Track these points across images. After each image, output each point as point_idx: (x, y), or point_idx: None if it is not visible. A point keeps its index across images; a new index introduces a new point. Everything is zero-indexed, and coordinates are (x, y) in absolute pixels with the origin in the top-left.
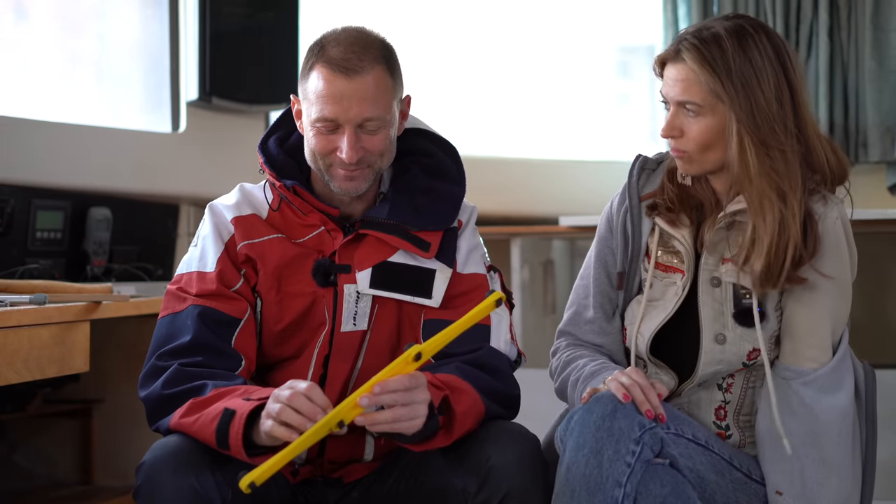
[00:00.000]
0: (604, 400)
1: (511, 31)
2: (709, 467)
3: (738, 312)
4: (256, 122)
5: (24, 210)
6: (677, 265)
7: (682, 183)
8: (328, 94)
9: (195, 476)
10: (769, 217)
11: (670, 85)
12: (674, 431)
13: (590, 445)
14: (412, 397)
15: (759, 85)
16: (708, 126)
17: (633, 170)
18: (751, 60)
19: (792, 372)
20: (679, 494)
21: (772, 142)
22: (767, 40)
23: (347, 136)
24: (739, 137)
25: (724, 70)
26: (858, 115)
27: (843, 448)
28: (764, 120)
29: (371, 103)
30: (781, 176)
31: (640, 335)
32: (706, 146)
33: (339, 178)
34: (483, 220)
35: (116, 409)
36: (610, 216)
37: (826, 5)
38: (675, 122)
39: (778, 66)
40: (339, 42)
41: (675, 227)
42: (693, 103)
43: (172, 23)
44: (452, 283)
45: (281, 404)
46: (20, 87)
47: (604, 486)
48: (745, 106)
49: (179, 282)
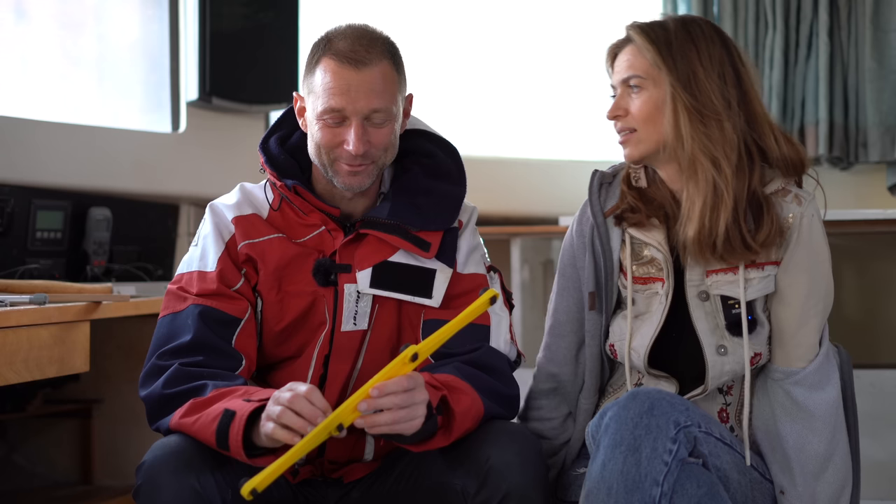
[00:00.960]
0: (640, 397)
1: (511, 31)
2: (733, 467)
3: (729, 324)
4: (256, 122)
5: (24, 210)
6: (655, 274)
7: (637, 186)
8: (336, 85)
9: (196, 476)
10: (701, 182)
11: (617, 69)
12: (705, 430)
13: (627, 442)
14: (411, 399)
15: (699, 59)
16: (650, 97)
17: (593, 186)
18: (693, 38)
19: (781, 373)
20: (714, 496)
21: (708, 111)
22: (713, 31)
23: (355, 127)
24: (674, 104)
25: (665, 42)
26: (858, 115)
27: (838, 439)
28: (701, 90)
29: (378, 95)
30: (716, 144)
31: (633, 351)
32: (649, 119)
33: (344, 174)
34: (483, 220)
35: (116, 409)
36: (572, 241)
37: (826, 5)
38: (620, 102)
39: (722, 49)
40: (346, 36)
41: (645, 230)
42: (636, 76)
43: (172, 23)
44: (452, 283)
45: (282, 407)
46: (20, 87)
47: (642, 485)
48: (682, 75)
49: (180, 281)
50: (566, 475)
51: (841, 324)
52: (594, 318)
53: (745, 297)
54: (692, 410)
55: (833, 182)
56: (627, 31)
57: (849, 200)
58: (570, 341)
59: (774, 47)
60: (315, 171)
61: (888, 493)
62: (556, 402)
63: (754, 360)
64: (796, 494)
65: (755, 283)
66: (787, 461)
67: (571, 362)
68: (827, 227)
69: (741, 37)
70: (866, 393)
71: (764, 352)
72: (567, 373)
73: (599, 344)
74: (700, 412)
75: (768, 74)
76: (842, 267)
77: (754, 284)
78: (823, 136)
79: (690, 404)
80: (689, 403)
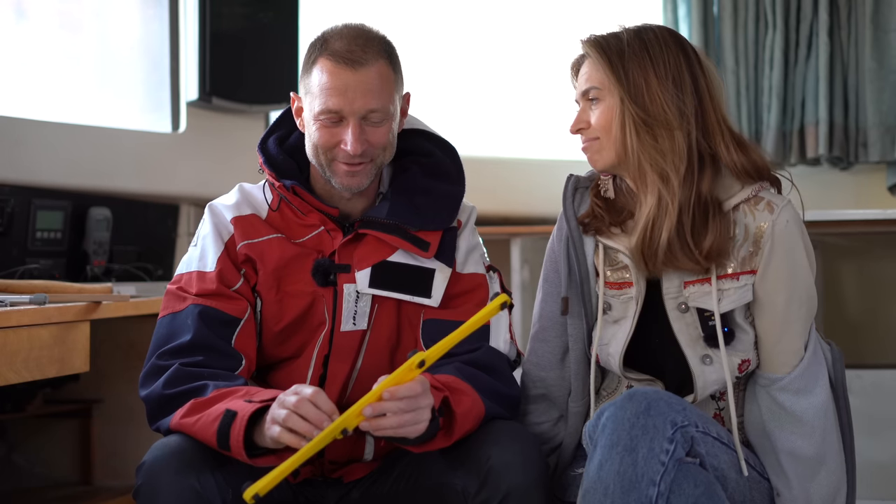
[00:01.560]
0: (637, 397)
1: (511, 31)
2: (730, 466)
3: (707, 336)
4: (256, 122)
5: (24, 210)
6: (629, 279)
7: (605, 196)
8: (332, 86)
9: (196, 476)
10: (648, 194)
11: (578, 83)
12: (702, 430)
13: (624, 443)
14: (416, 403)
15: (652, 67)
16: (608, 107)
17: (567, 191)
18: (647, 46)
19: (766, 379)
20: (711, 495)
21: (657, 122)
22: (669, 36)
23: (352, 127)
24: (622, 116)
25: (617, 53)
26: (858, 115)
27: (828, 442)
28: (653, 100)
29: (375, 95)
30: (665, 155)
31: (610, 357)
32: (608, 128)
33: (342, 174)
34: (483, 220)
35: (116, 409)
36: (553, 245)
37: (826, 5)
38: (582, 115)
39: (679, 55)
40: (343, 36)
41: (613, 238)
42: (594, 88)
43: (172, 23)
44: (451, 283)
45: (287, 410)
46: (20, 87)
47: (639, 485)
48: (631, 87)
49: (179, 281)
50: (564, 475)
51: (841, 324)
52: (575, 323)
53: (721, 308)
54: (689, 410)
55: (833, 182)
56: (582, 45)
57: (849, 200)
58: (555, 346)
59: (774, 47)
60: (313, 171)
61: (889, 493)
62: (545, 406)
63: (743, 367)
64: (791, 497)
65: (730, 294)
66: (779, 465)
67: (557, 366)
68: (827, 227)
69: (741, 37)
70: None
71: (752, 357)
72: (554, 377)
73: (583, 348)
74: (697, 412)
75: (768, 74)
76: (842, 267)
77: (730, 295)
78: (823, 136)
79: (688, 404)
80: (687, 403)
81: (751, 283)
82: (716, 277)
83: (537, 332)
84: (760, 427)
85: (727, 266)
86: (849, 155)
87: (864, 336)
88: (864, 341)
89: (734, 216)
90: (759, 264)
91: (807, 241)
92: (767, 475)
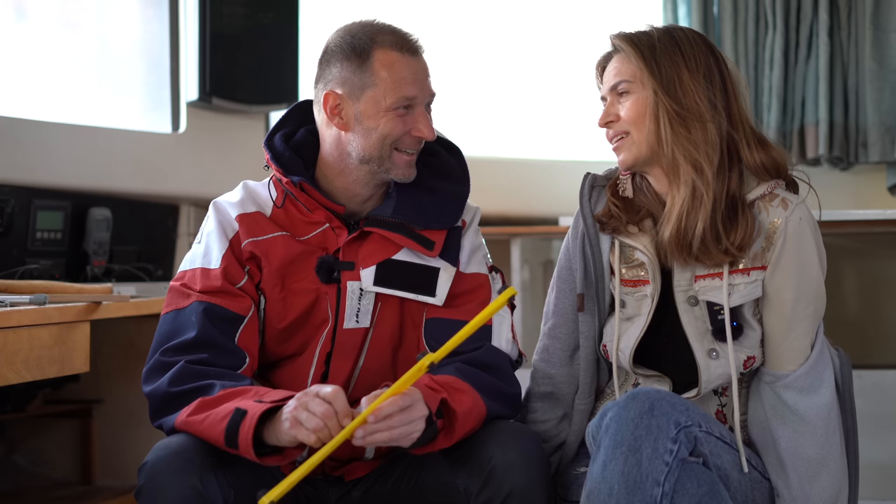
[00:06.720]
0: (640, 397)
1: (511, 31)
2: (733, 466)
3: (716, 330)
4: (256, 122)
5: (24, 210)
6: (644, 277)
7: (623, 196)
8: (408, 74)
9: (198, 476)
10: (682, 185)
11: (606, 79)
12: (705, 430)
13: (628, 443)
14: (407, 417)
15: (684, 61)
16: (638, 100)
17: (584, 188)
18: (677, 42)
19: (771, 376)
20: (715, 495)
21: (691, 114)
22: (697, 37)
23: (424, 114)
24: (656, 108)
25: (649, 47)
26: (858, 115)
27: (831, 443)
28: (686, 92)
29: (432, 80)
30: (698, 147)
31: (620, 352)
32: (639, 120)
33: (403, 164)
34: (483, 220)
35: (116, 409)
36: (567, 243)
37: (826, 5)
38: (610, 109)
39: (709, 54)
40: (386, 28)
41: (631, 236)
42: (624, 81)
43: (172, 23)
44: (455, 282)
45: (308, 413)
46: (20, 87)
47: (643, 485)
48: (665, 80)
49: (183, 278)
50: (566, 474)
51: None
52: (587, 320)
53: (730, 302)
54: (692, 410)
55: (833, 182)
56: (612, 40)
57: (849, 200)
58: (566, 343)
59: (774, 47)
60: (320, 169)
61: (889, 493)
62: (551, 404)
63: (748, 364)
64: (790, 498)
65: (741, 289)
66: (781, 464)
67: (567, 364)
68: (827, 227)
69: (741, 37)
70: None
71: (758, 355)
72: (563, 374)
73: (593, 346)
74: (700, 412)
75: (768, 74)
76: (842, 267)
77: (740, 290)
78: (823, 136)
79: (691, 404)
80: (690, 403)
81: (761, 278)
82: (727, 272)
83: (550, 329)
84: (763, 425)
85: (739, 261)
86: (849, 155)
87: (864, 336)
88: (865, 341)
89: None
90: (770, 260)
91: (819, 240)
92: (768, 475)
